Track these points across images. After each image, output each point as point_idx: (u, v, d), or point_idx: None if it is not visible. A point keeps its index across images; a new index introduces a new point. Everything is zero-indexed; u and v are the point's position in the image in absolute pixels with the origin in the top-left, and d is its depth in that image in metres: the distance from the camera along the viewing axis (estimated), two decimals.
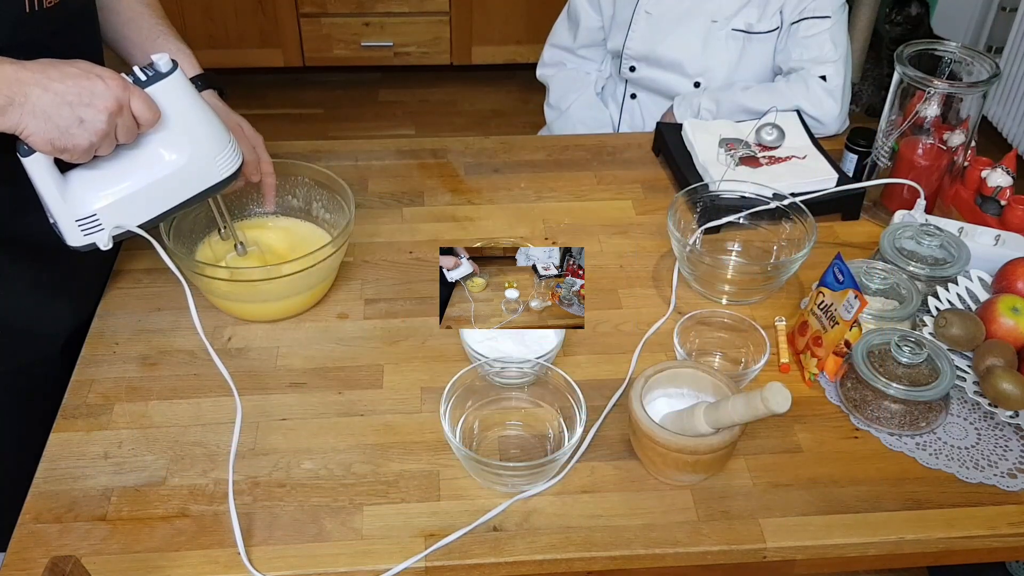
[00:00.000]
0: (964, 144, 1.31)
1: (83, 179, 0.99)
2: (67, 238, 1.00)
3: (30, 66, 0.89)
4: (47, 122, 0.89)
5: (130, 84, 0.94)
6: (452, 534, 0.93)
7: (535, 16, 3.24)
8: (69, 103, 0.89)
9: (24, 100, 0.88)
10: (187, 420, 1.05)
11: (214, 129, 1.03)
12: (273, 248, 1.24)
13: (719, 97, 1.63)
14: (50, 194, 0.97)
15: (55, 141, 0.90)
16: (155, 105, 0.96)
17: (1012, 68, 2.87)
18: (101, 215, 0.99)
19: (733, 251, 1.30)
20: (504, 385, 1.05)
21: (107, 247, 1.01)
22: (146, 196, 1.01)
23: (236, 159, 1.05)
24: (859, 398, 1.06)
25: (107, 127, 0.91)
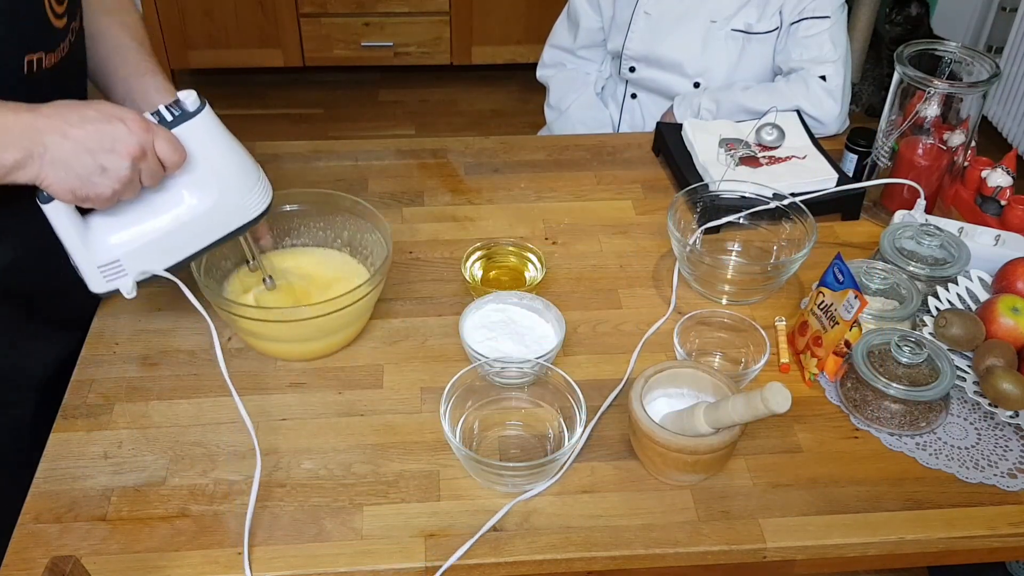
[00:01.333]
0: (964, 144, 1.31)
1: (105, 224, 0.95)
2: (89, 284, 0.97)
3: (46, 111, 0.85)
4: (67, 171, 0.85)
5: (154, 125, 0.89)
6: (462, 545, 0.93)
7: (535, 16, 3.24)
8: (90, 150, 0.85)
9: (43, 151, 0.84)
10: (187, 420, 1.05)
11: (244, 167, 0.98)
12: (305, 280, 1.17)
13: (719, 97, 1.63)
14: (71, 241, 0.93)
15: (76, 191, 0.87)
16: (181, 147, 0.91)
17: (1012, 68, 2.87)
18: (124, 261, 0.96)
19: (733, 251, 1.30)
20: (504, 385, 1.05)
21: (131, 295, 0.98)
22: (172, 240, 0.97)
23: (266, 196, 1.01)
24: (859, 398, 1.06)
25: (131, 174, 0.87)
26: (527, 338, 1.10)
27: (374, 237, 1.18)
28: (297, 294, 1.15)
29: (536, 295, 1.14)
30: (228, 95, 3.43)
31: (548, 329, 1.12)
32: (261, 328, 1.08)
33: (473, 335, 1.10)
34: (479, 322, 1.12)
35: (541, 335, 1.11)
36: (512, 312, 1.14)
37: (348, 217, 1.20)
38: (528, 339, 1.10)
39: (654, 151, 1.54)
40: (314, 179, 1.43)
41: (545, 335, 1.11)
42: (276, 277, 1.14)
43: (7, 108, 0.85)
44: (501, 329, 1.11)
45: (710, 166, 1.38)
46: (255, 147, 1.48)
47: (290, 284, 1.16)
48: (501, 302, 1.14)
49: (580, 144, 1.56)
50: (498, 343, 1.09)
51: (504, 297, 1.14)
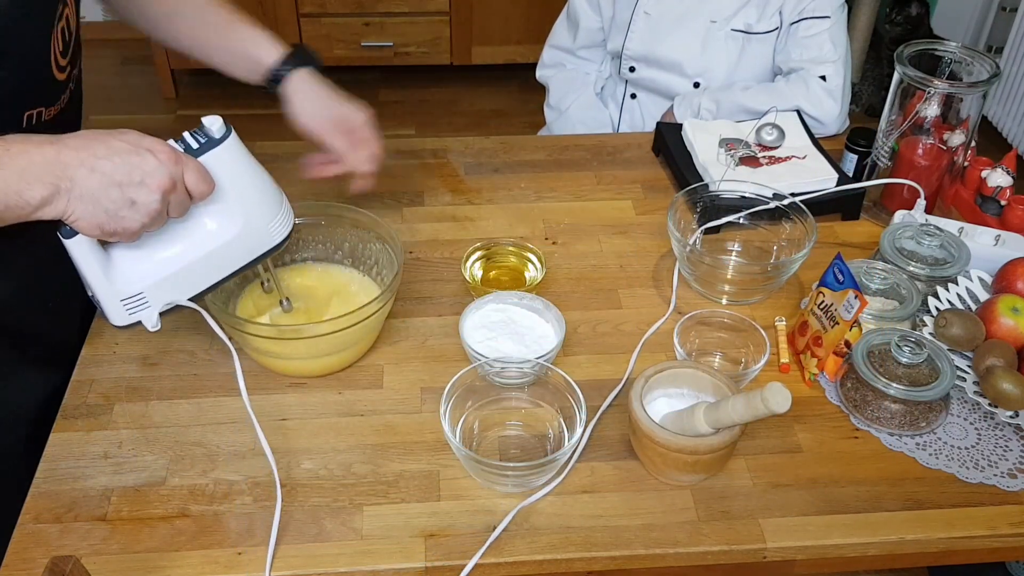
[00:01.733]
0: (964, 144, 1.31)
1: (128, 256, 0.92)
2: (111, 319, 0.94)
3: (72, 143, 0.82)
4: (95, 206, 0.82)
5: (182, 155, 0.86)
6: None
7: (535, 16, 3.24)
8: (119, 184, 0.82)
9: (71, 186, 0.80)
10: (187, 420, 1.05)
11: (268, 194, 0.97)
12: (316, 300, 1.16)
13: (719, 97, 1.63)
14: (93, 275, 0.90)
15: (104, 225, 0.83)
16: (210, 177, 0.88)
17: (1012, 68, 2.87)
18: (148, 293, 0.93)
19: (733, 251, 1.30)
20: (504, 385, 1.05)
21: (155, 327, 0.94)
22: (196, 270, 0.95)
23: (289, 221, 0.99)
24: (859, 398, 1.06)
25: (160, 207, 0.84)
26: (527, 338, 1.10)
27: (378, 246, 1.17)
28: (312, 315, 1.13)
29: (536, 295, 1.14)
30: (228, 95, 3.42)
31: (548, 329, 1.12)
32: (274, 346, 1.07)
33: (473, 335, 1.10)
34: (479, 322, 1.12)
35: (541, 335, 1.11)
36: (512, 312, 1.14)
37: (349, 228, 1.19)
38: (528, 339, 1.10)
39: (654, 151, 1.54)
40: (314, 179, 1.42)
41: (545, 335, 1.11)
42: (292, 299, 1.11)
43: (30, 142, 0.81)
44: (501, 329, 1.11)
45: (710, 166, 1.38)
46: (255, 147, 1.47)
47: (307, 305, 1.14)
48: (501, 302, 1.14)
49: (580, 144, 1.56)
50: (498, 343, 1.09)
51: (504, 297, 1.14)
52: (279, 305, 1.11)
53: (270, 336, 1.05)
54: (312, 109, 1.18)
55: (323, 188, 1.42)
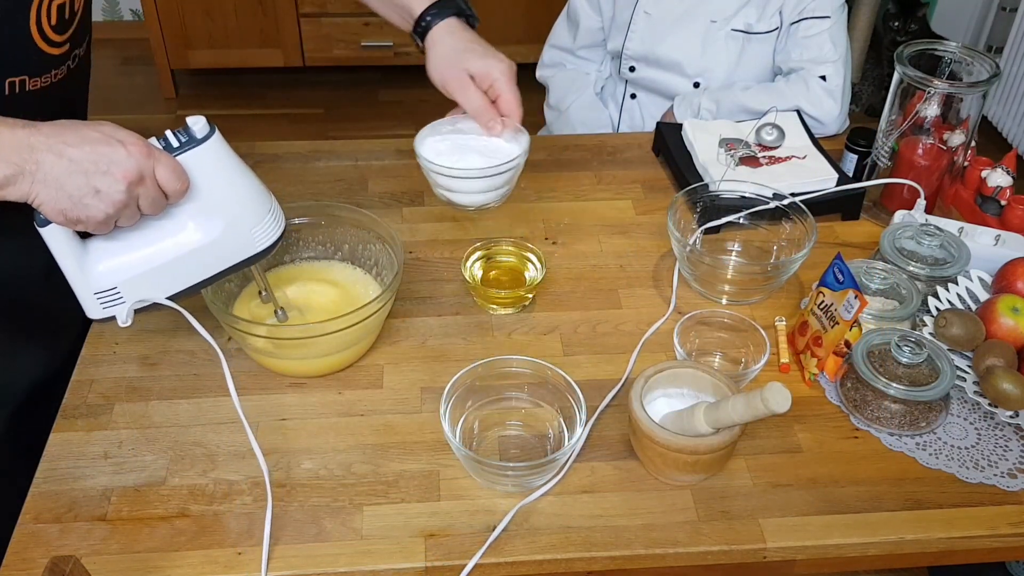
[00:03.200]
0: (964, 144, 1.31)
1: (105, 250, 0.92)
2: (86, 310, 0.95)
3: (45, 129, 0.83)
4: (59, 191, 0.82)
5: (156, 150, 0.86)
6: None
7: (535, 16, 3.24)
8: (84, 171, 0.82)
9: (35, 168, 0.81)
10: (187, 420, 1.05)
11: (253, 198, 0.95)
12: (314, 308, 1.15)
13: (719, 97, 1.63)
14: (67, 266, 0.91)
15: (67, 212, 0.84)
16: (184, 174, 0.88)
17: (1012, 68, 2.87)
18: (122, 288, 0.93)
19: (733, 251, 1.30)
20: (467, 210, 1.02)
21: (126, 323, 0.94)
22: (173, 270, 0.94)
23: (276, 229, 0.98)
24: (859, 398, 1.06)
25: (125, 197, 0.84)
26: (489, 148, 1.09)
27: (378, 247, 1.17)
28: (308, 320, 1.12)
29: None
30: (228, 95, 3.43)
31: (509, 144, 1.12)
32: (274, 346, 1.06)
33: (428, 149, 1.08)
34: (436, 141, 1.11)
35: (501, 144, 1.10)
36: (469, 137, 1.13)
37: (348, 228, 1.18)
38: (490, 149, 1.09)
39: (654, 151, 1.54)
40: (314, 179, 1.43)
41: (506, 145, 1.09)
42: (288, 309, 1.10)
43: (4, 123, 0.82)
44: (461, 145, 1.10)
45: (710, 166, 1.38)
46: (255, 147, 1.48)
47: (302, 315, 1.13)
48: (457, 124, 1.13)
49: (580, 144, 1.56)
50: (461, 156, 1.08)
51: (461, 121, 1.13)
52: (274, 315, 1.09)
53: (270, 337, 1.05)
54: (443, 65, 1.15)
55: (324, 189, 1.42)
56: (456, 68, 1.12)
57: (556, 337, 1.17)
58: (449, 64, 1.12)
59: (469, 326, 1.18)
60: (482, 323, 1.19)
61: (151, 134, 0.90)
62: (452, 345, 1.15)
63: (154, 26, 3.20)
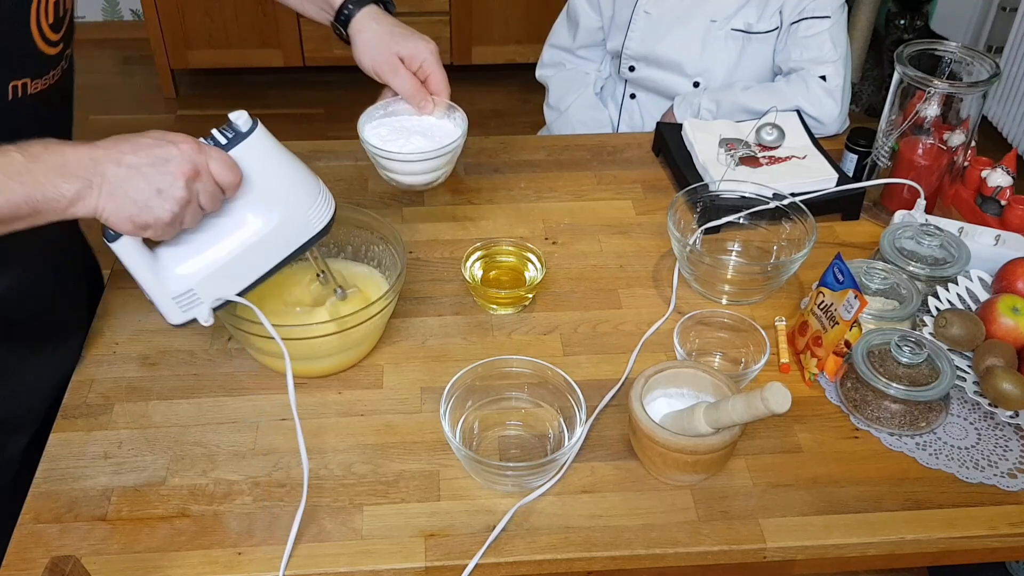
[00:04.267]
0: (964, 144, 1.31)
1: (174, 255, 0.95)
2: (167, 317, 0.97)
3: (102, 144, 0.86)
4: (123, 198, 0.85)
5: (206, 147, 0.89)
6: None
7: (535, 16, 3.24)
8: (144, 175, 0.85)
9: (101, 180, 0.84)
10: (187, 420, 1.05)
11: (304, 182, 0.98)
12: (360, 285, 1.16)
13: (719, 97, 1.63)
14: (143, 275, 0.93)
15: (135, 218, 0.86)
16: (236, 167, 0.90)
17: (1012, 68, 2.87)
18: (198, 290, 0.95)
19: (733, 251, 1.30)
20: (409, 185, 1.09)
21: (208, 322, 0.97)
22: (242, 263, 0.96)
23: (329, 207, 1.00)
24: (859, 398, 1.06)
25: (186, 193, 0.86)
26: (432, 130, 1.15)
27: (381, 247, 1.17)
28: (369, 299, 1.11)
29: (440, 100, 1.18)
30: (228, 95, 3.43)
31: (441, 120, 1.16)
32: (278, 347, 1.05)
33: (372, 133, 1.14)
34: (375, 127, 1.16)
35: (443, 126, 1.15)
36: (404, 118, 1.18)
37: (352, 229, 1.19)
38: (433, 131, 1.15)
39: (654, 151, 1.54)
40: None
41: (446, 127, 1.15)
42: (346, 287, 1.11)
43: (65, 144, 0.85)
44: (401, 128, 1.15)
45: (710, 166, 1.38)
46: None
47: (362, 290, 1.13)
48: (390, 108, 1.18)
49: (580, 144, 1.56)
50: (407, 139, 1.13)
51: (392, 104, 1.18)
52: (333, 294, 1.11)
53: (275, 337, 1.04)
54: (372, 51, 1.18)
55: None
56: (386, 52, 1.15)
57: (556, 337, 1.17)
58: (379, 49, 1.15)
59: (469, 326, 1.18)
60: (482, 323, 1.19)
61: None
62: (452, 345, 1.15)
63: (154, 26, 3.20)
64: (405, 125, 1.21)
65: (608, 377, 1.11)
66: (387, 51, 1.15)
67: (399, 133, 1.19)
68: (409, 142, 1.17)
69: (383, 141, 1.17)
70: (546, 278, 1.23)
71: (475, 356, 1.07)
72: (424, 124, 1.21)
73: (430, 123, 1.21)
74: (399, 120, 1.22)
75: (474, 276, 1.22)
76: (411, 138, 1.18)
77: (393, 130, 1.20)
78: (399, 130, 1.20)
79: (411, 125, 1.21)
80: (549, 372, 1.02)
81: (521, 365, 1.04)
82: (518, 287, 1.21)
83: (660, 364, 1.02)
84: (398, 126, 1.21)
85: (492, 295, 1.19)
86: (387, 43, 1.15)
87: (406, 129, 1.20)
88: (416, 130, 1.21)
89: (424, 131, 1.21)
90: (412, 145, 1.18)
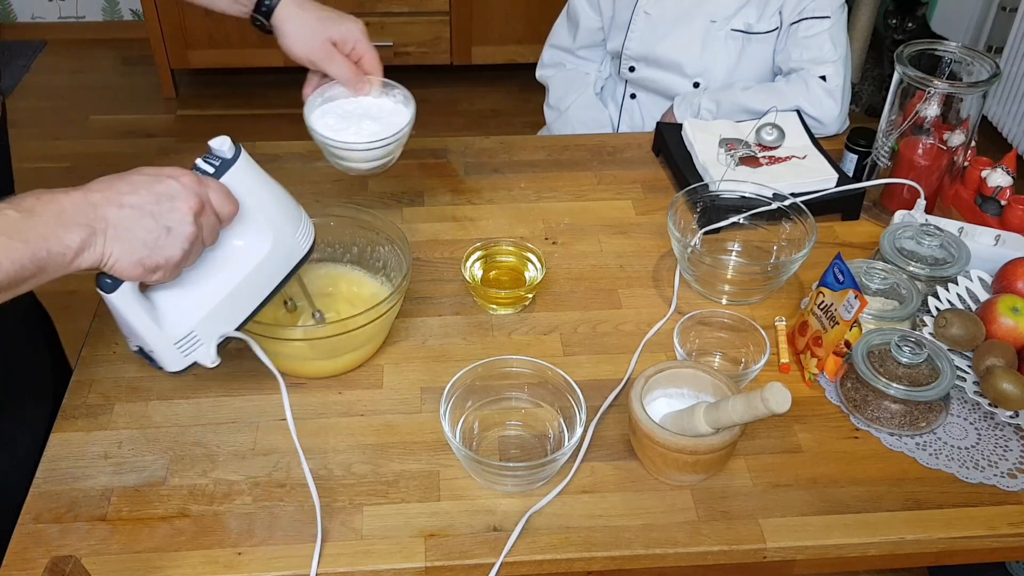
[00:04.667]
0: (964, 144, 1.31)
1: (171, 297, 0.90)
2: (166, 365, 0.93)
3: (95, 187, 0.81)
4: (132, 241, 0.80)
5: (204, 177, 0.86)
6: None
7: (535, 16, 3.24)
8: (150, 213, 0.80)
9: (104, 225, 0.79)
10: (187, 420, 1.05)
11: (287, 205, 0.96)
12: (337, 305, 1.15)
13: (719, 97, 1.63)
14: (143, 324, 0.88)
15: (145, 260, 0.81)
16: (233, 196, 0.87)
17: (1012, 68, 2.87)
18: (198, 330, 0.91)
19: (733, 251, 1.30)
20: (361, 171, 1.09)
21: (215, 363, 0.94)
22: (240, 295, 0.94)
23: (311, 227, 0.99)
24: (859, 398, 1.06)
25: (195, 229, 0.83)
26: (380, 113, 1.13)
27: (386, 248, 1.17)
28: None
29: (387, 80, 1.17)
30: (228, 95, 3.43)
31: (380, 98, 1.15)
32: (284, 348, 1.06)
33: (319, 120, 1.11)
34: (320, 116, 1.14)
35: (392, 109, 1.14)
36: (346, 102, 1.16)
37: (357, 230, 1.18)
38: (381, 114, 1.13)
39: (654, 151, 1.54)
40: (314, 179, 1.43)
41: (395, 109, 1.14)
42: (325, 311, 1.10)
43: (56, 191, 0.79)
44: (346, 114, 1.13)
45: (710, 166, 1.38)
46: (255, 147, 1.48)
47: (339, 313, 1.12)
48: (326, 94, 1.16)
49: (580, 144, 1.56)
50: (356, 124, 1.11)
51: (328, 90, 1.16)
52: (312, 318, 1.09)
53: (282, 338, 1.05)
54: (304, 39, 1.14)
55: (324, 188, 1.42)
56: (319, 40, 1.12)
57: (556, 337, 1.17)
58: (310, 37, 1.12)
59: (469, 326, 1.18)
60: (482, 323, 1.19)
61: (151, 134, 0.90)
62: (452, 345, 1.15)
63: (154, 26, 3.19)
64: (348, 109, 1.16)
65: (608, 377, 1.11)
66: (319, 38, 1.11)
67: (347, 120, 1.15)
68: (361, 129, 1.13)
69: (335, 132, 1.12)
70: (546, 278, 1.23)
71: (475, 356, 1.07)
72: (365, 105, 1.17)
73: (370, 103, 1.17)
74: (340, 105, 1.17)
75: (474, 276, 1.22)
76: (361, 123, 1.14)
77: (339, 117, 1.16)
78: (345, 116, 1.16)
79: (353, 108, 1.17)
80: (549, 372, 1.02)
81: (521, 365, 1.04)
82: (518, 287, 1.21)
83: (660, 364, 1.02)
84: (342, 112, 1.16)
85: (492, 295, 1.19)
86: (318, 30, 1.12)
87: (352, 114, 1.16)
88: (361, 113, 1.16)
89: (369, 114, 1.16)
90: (365, 131, 1.13)
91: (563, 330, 1.18)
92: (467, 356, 1.11)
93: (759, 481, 1.00)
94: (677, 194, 1.27)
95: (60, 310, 1.27)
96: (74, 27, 3.64)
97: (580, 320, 1.19)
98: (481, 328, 1.18)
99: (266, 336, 1.03)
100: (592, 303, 1.22)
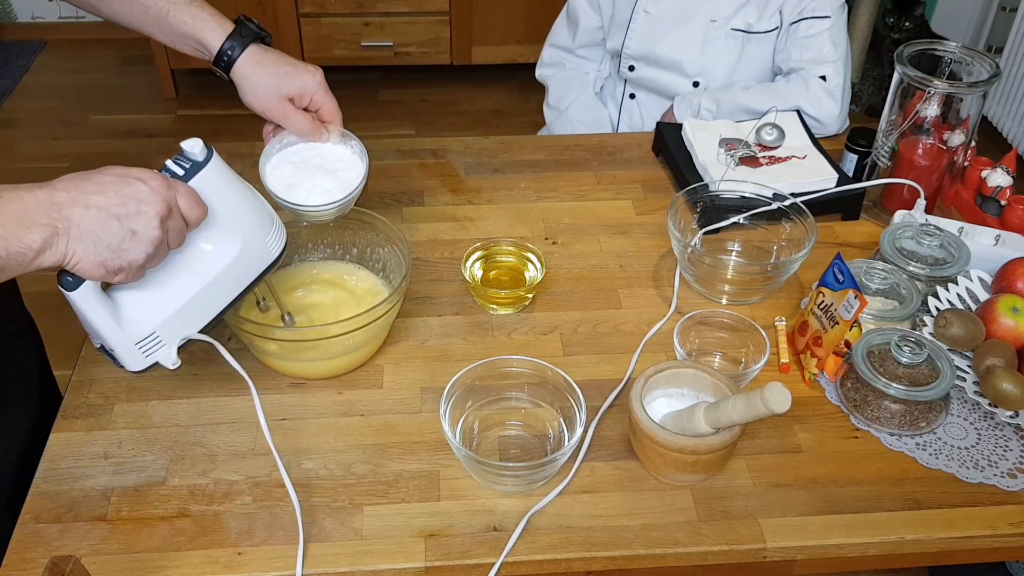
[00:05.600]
0: (964, 144, 1.31)
1: (133, 297, 0.90)
2: (127, 364, 0.92)
3: (61, 185, 0.80)
4: (96, 243, 0.79)
5: (172, 180, 0.85)
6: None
7: (535, 16, 3.24)
8: (116, 216, 0.80)
9: (68, 225, 0.78)
10: (187, 420, 1.05)
11: (259, 209, 0.95)
12: (320, 310, 1.15)
13: (719, 97, 1.63)
14: (103, 323, 0.88)
15: (108, 263, 0.81)
16: (201, 200, 0.87)
17: (1012, 68, 2.87)
18: (160, 332, 0.91)
19: (733, 251, 1.30)
20: (314, 219, 1.10)
21: (176, 365, 0.93)
22: (205, 298, 0.93)
23: (282, 233, 0.99)
24: (859, 398, 1.06)
25: (160, 233, 0.82)
26: (334, 167, 1.13)
27: (386, 249, 1.17)
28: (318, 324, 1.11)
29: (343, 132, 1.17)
30: (228, 95, 3.43)
31: (337, 145, 1.15)
32: (283, 349, 1.06)
33: (273, 177, 1.11)
34: (274, 168, 1.13)
35: (346, 161, 1.14)
36: (301, 149, 1.15)
37: (357, 231, 1.19)
38: (334, 167, 1.13)
39: (654, 151, 1.54)
40: None
41: (350, 161, 1.14)
42: (295, 314, 1.10)
43: (20, 188, 0.78)
44: (301, 166, 1.13)
45: (710, 166, 1.38)
46: (255, 147, 1.47)
47: (309, 320, 1.13)
48: (284, 141, 1.15)
49: (580, 144, 1.56)
50: (309, 178, 1.11)
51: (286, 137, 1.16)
52: (281, 322, 1.09)
53: (280, 339, 1.05)
54: (261, 96, 1.13)
55: None
56: (274, 98, 1.11)
57: (556, 337, 1.17)
58: (266, 95, 1.11)
59: (469, 326, 1.18)
60: (482, 323, 1.19)
61: (151, 134, 0.90)
62: (452, 345, 1.15)
63: None
64: (305, 158, 1.15)
65: (608, 377, 1.11)
66: (275, 96, 1.11)
67: (301, 173, 1.13)
68: (314, 185, 1.12)
69: (288, 188, 1.11)
70: (546, 278, 1.23)
71: (475, 356, 1.07)
72: (324, 153, 1.16)
73: (329, 151, 1.16)
74: (297, 152, 1.16)
75: (474, 276, 1.22)
76: (316, 179, 1.13)
77: (295, 169, 1.14)
78: (300, 168, 1.14)
79: (311, 157, 1.15)
80: (549, 372, 1.02)
81: (521, 365, 1.04)
82: (518, 287, 1.21)
83: (660, 364, 1.02)
84: (298, 161, 1.15)
85: (492, 295, 1.19)
86: (274, 87, 1.11)
87: (308, 164, 1.15)
88: (318, 164, 1.15)
89: (326, 165, 1.15)
90: (318, 188, 1.12)
91: (563, 330, 1.18)
92: (467, 356, 1.11)
93: (759, 481, 1.00)
94: (677, 194, 1.27)
95: (54, 311, 1.27)
96: (74, 27, 3.64)
97: (580, 320, 1.19)
98: (481, 328, 1.18)
99: (266, 336, 1.03)
100: (592, 303, 1.22)
